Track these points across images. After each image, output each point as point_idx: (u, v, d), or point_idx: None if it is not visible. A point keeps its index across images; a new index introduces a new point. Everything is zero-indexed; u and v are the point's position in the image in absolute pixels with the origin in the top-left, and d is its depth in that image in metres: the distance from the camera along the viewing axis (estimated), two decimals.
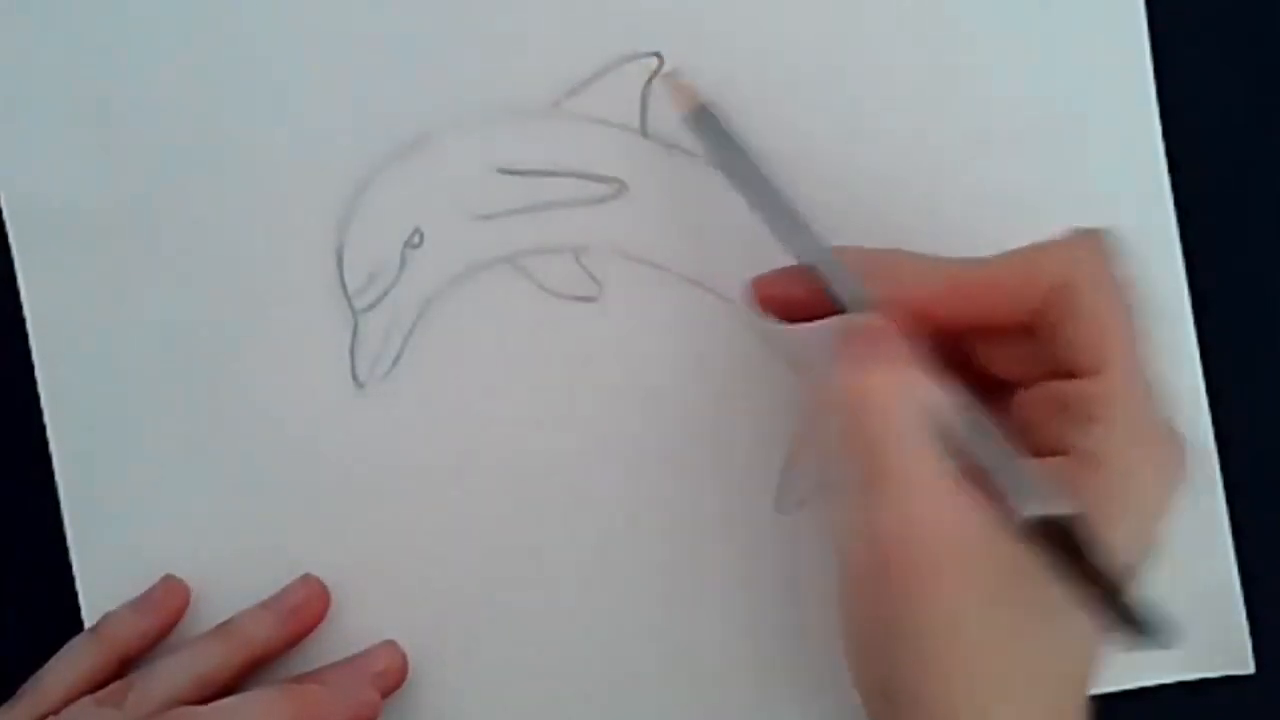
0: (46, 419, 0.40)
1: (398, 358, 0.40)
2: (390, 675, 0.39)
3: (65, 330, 0.40)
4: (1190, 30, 0.40)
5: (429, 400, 0.40)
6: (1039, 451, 0.33)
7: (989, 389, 0.35)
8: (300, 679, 0.38)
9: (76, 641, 0.38)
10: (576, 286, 0.40)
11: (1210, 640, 0.40)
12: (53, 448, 0.40)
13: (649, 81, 0.39)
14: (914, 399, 0.32)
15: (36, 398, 0.40)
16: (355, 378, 0.40)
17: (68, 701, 0.37)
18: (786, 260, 0.35)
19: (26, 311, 0.40)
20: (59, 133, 0.40)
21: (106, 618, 0.39)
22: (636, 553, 0.40)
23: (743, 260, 0.36)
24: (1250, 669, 0.40)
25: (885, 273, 0.34)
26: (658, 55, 0.40)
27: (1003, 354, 0.35)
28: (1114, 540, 0.31)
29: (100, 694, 0.37)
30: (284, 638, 0.38)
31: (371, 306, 0.40)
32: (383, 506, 0.40)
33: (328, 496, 0.39)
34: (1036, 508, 0.31)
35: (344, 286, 0.40)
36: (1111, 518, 0.31)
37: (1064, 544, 0.31)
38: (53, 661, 0.38)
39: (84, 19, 0.40)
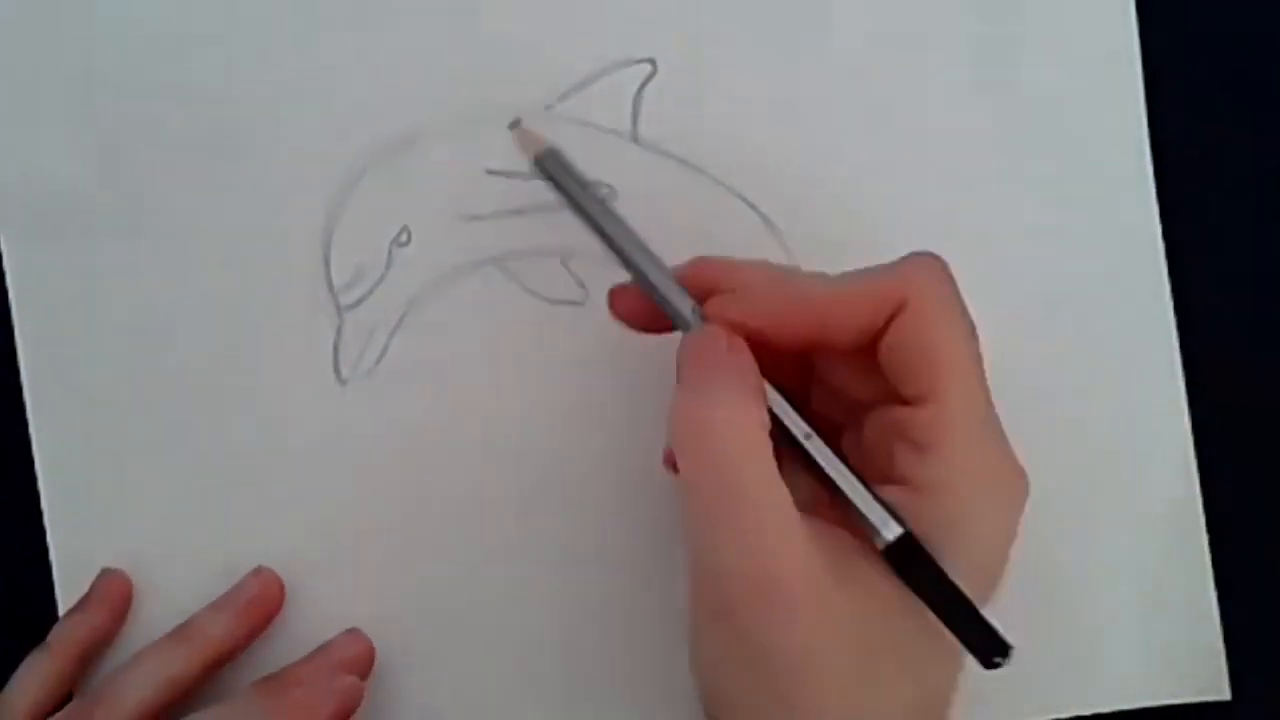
0: (29, 410, 0.40)
1: (381, 355, 0.40)
2: (359, 663, 0.38)
3: (50, 321, 0.40)
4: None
5: (411, 398, 0.39)
6: (885, 477, 0.32)
7: (848, 409, 0.34)
8: (269, 679, 0.38)
9: (32, 657, 0.38)
10: (562, 290, 0.40)
11: (1187, 666, 0.40)
12: (34, 438, 0.40)
13: (641, 87, 0.40)
14: (755, 427, 0.31)
15: (20, 388, 0.40)
16: (338, 374, 0.40)
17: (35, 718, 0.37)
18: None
19: (12, 302, 0.40)
20: (47, 125, 0.40)
21: (57, 627, 0.38)
22: (612, 553, 0.40)
23: None
24: (1226, 695, 0.40)
25: (724, 295, 0.33)
26: (651, 61, 0.40)
27: (853, 376, 0.34)
28: (955, 568, 0.31)
29: (63, 714, 0.36)
30: (243, 633, 0.38)
31: (357, 303, 0.40)
32: (361, 501, 0.39)
33: (307, 490, 0.39)
34: (883, 534, 0.31)
35: (330, 283, 0.40)
36: (951, 547, 0.31)
37: (916, 570, 0.31)
38: (13, 681, 0.37)
39: (76, 12, 0.40)
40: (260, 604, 0.39)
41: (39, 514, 0.39)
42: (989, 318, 0.39)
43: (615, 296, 0.36)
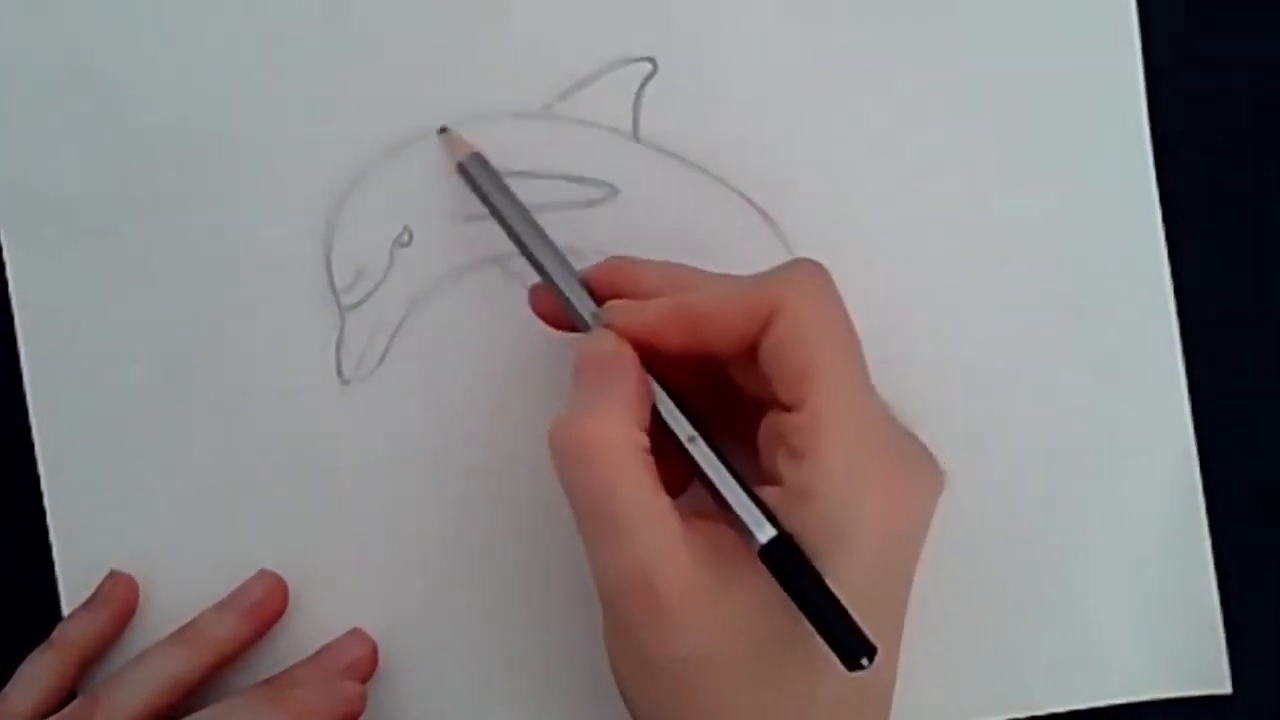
0: (32, 412, 0.40)
1: (383, 356, 0.40)
2: (362, 665, 0.38)
3: (52, 323, 0.40)
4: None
5: (413, 398, 0.40)
6: (770, 480, 0.33)
7: (755, 411, 0.34)
8: (271, 680, 0.38)
9: (35, 655, 0.38)
10: None
11: (1188, 659, 0.40)
12: (37, 440, 0.40)
13: (642, 86, 0.40)
14: (625, 444, 0.31)
15: (22, 390, 0.40)
16: (340, 375, 0.40)
17: (37, 718, 0.37)
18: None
19: (14, 305, 0.40)
20: (49, 126, 0.40)
21: (61, 626, 0.38)
22: None
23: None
24: (1227, 689, 0.40)
25: (617, 301, 0.34)
26: (651, 60, 0.40)
27: (751, 379, 0.34)
28: (834, 571, 0.31)
29: (66, 713, 0.36)
30: (246, 635, 0.38)
31: (358, 304, 0.40)
32: (364, 502, 0.39)
33: (310, 491, 0.39)
34: (757, 537, 0.31)
35: (331, 284, 0.40)
36: (828, 549, 0.31)
37: (789, 572, 0.31)
38: (14, 680, 0.37)
39: (79, 12, 0.40)
40: (264, 606, 0.39)
41: (42, 515, 0.39)
42: (989, 315, 0.40)
43: (533, 294, 0.37)
